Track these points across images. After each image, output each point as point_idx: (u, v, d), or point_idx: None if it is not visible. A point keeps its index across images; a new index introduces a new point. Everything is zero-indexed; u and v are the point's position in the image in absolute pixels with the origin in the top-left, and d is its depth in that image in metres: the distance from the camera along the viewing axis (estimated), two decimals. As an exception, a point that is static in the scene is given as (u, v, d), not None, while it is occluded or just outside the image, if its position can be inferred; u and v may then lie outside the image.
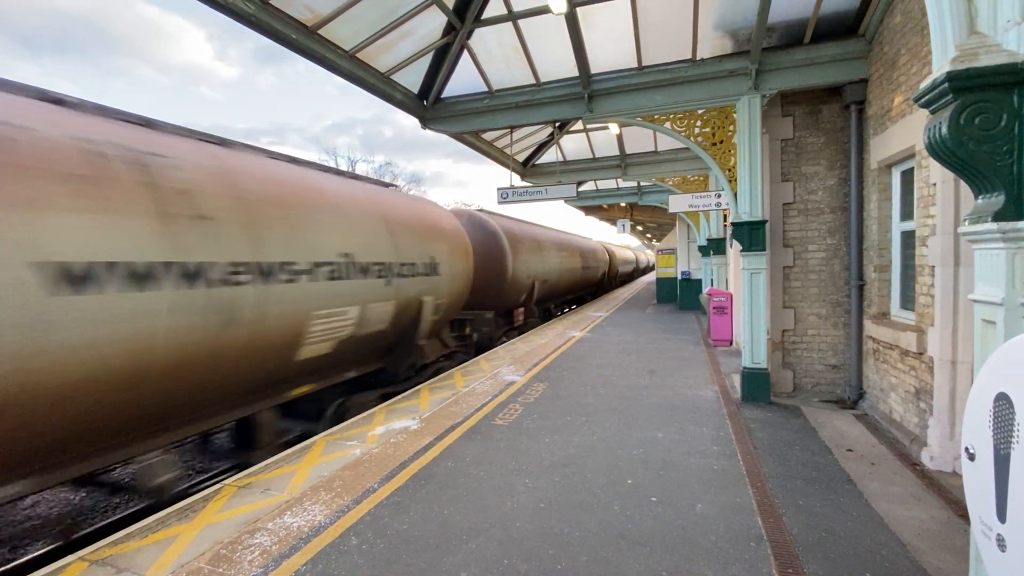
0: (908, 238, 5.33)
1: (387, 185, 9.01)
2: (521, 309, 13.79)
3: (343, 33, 6.22)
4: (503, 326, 12.68)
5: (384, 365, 7.48)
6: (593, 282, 23.44)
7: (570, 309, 20.57)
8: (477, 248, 10.62)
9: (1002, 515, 1.60)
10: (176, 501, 4.01)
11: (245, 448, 5.46)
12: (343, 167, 36.08)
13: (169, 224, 4.03)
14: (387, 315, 6.90)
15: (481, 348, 11.13)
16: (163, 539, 3.36)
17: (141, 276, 3.77)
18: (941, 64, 1.86)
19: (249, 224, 4.78)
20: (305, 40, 5.79)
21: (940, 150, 1.90)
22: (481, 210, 13.11)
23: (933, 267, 4.39)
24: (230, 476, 4.61)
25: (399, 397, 6.79)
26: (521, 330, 13.59)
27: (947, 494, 3.81)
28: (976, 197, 1.96)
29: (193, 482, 5.97)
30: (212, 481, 5.75)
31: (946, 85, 1.81)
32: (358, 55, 6.62)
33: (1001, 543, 1.60)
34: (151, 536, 3.41)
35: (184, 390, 4.36)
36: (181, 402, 4.44)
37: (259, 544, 3.26)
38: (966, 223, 1.97)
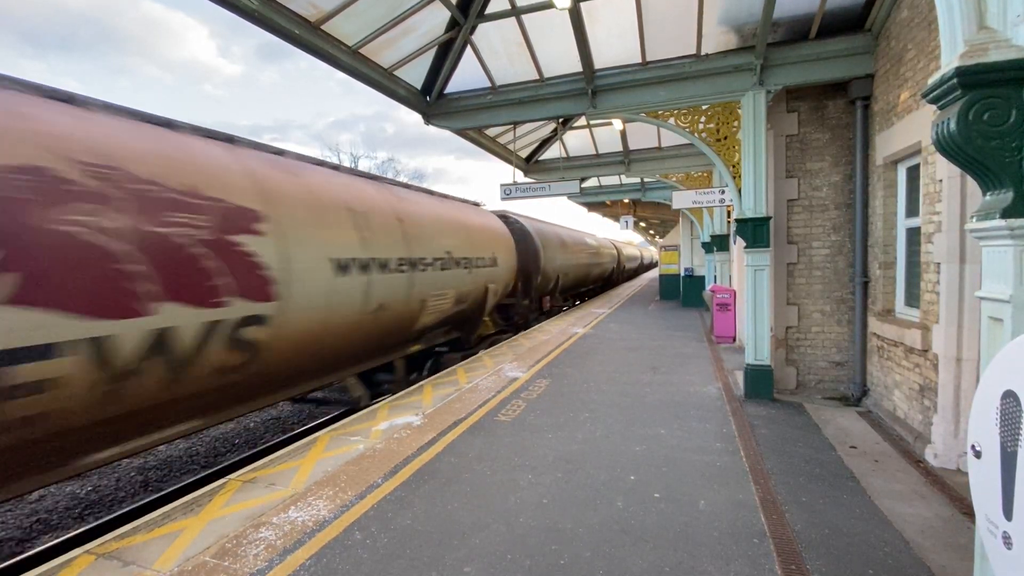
0: (913, 235, 5.31)
1: (475, 204, 11.74)
2: (548, 297, 16.14)
3: (346, 29, 6.21)
4: (535, 311, 15.06)
5: (460, 335, 9.95)
6: (604, 276, 25.97)
7: (585, 300, 22.93)
8: (516, 247, 12.73)
9: (1008, 513, 1.60)
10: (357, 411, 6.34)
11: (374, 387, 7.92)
12: (346, 163, 36.62)
13: (359, 233, 6.49)
14: (469, 296, 9.45)
15: (518, 328, 13.39)
16: (169, 533, 3.39)
17: (363, 265, 6.41)
18: (950, 59, 1.85)
19: (400, 232, 7.38)
20: (308, 36, 5.78)
21: (948, 146, 1.89)
22: (512, 213, 14.99)
23: (938, 264, 4.37)
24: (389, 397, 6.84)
25: (402, 393, 6.81)
26: (548, 315, 16.10)
27: (951, 491, 3.80)
28: (984, 194, 1.95)
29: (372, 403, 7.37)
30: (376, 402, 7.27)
31: (955, 81, 1.79)
32: (361, 51, 6.61)
33: (1007, 541, 1.60)
34: (157, 530, 3.43)
35: (374, 337, 7.04)
36: (370, 345, 7.12)
37: (264, 538, 3.28)
38: (974, 220, 1.96)
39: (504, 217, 13.71)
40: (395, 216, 7.34)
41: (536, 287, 14.22)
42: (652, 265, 57.03)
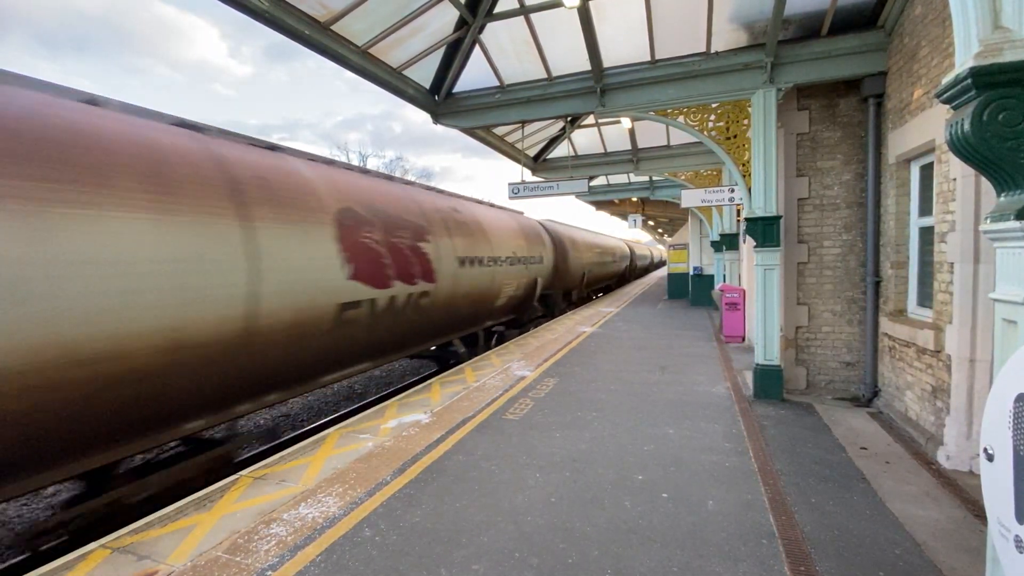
0: (926, 234, 5.25)
1: (518, 212, 14.53)
2: (574, 290, 18.90)
3: (355, 29, 6.24)
4: (565, 301, 17.80)
5: (516, 316, 12.93)
6: (619, 273, 29.11)
7: (604, 295, 25.20)
8: (554, 248, 15.42)
9: (1020, 516, 1.59)
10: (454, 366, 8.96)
11: (472, 349, 10.45)
12: (355, 162, 37.11)
13: (467, 239, 9.42)
14: (525, 286, 12.44)
15: (553, 315, 15.81)
16: (182, 528, 3.44)
17: (470, 261, 9.29)
18: (964, 59, 1.83)
19: (487, 239, 10.31)
20: (318, 36, 5.81)
21: (962, 147, 1.87)
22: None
23: (952, 264, 4.32)
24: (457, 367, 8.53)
25: (410, 391, 6.85)
26: (575, 305, 19.14)
27: (963, 494, 3.76)
28: (999, 195, 1.93)
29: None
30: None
31: (969, 81, 1.77)
32: (370, 51, 6.64)
33: (1019, 544, 1.59)
34: (170, 525, 3.49)
35: (473, 310, 9.89)
36: (471, 314, 9.91)
37: (275, 534, 3.33)
38: (988, 221, 1.93)
39: (541, 224, 16.24)
40: (481, 227, 10.33)
41: (567, 281, 17.09)
42: (660, 264, 56.80)
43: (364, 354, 7.01)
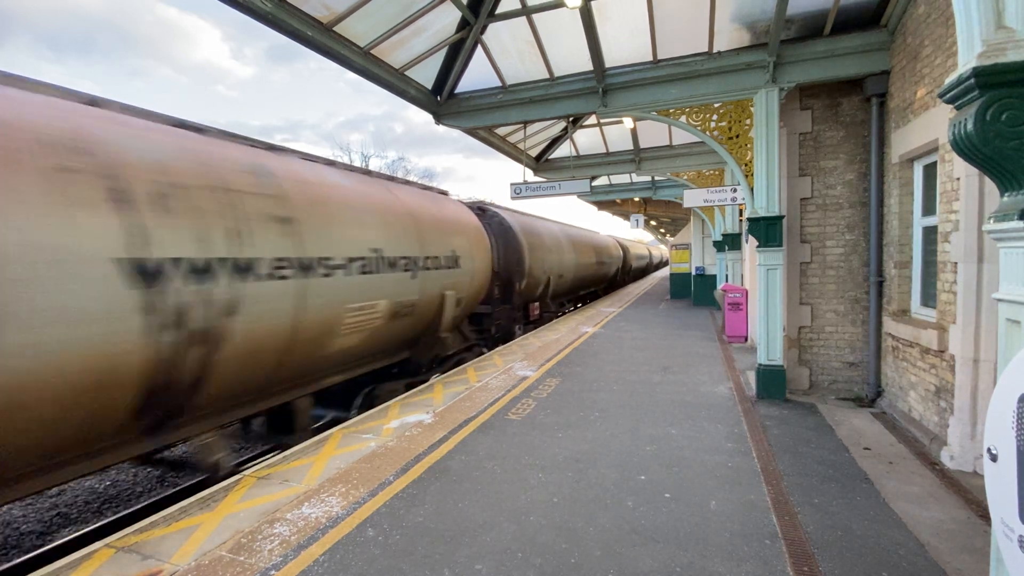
0: (930, 234, 5.23)
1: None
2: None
3: (358, 30, 6.25)
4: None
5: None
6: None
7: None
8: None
9: (1024, 517, 1.59)
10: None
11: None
12: (356, 163, 37.05)
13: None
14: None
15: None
16: (186, 527, 3.45)
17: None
18: (967, 59, 1.82)
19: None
20: (321, 37, 5.83)
21: (965, 147, 1.86)
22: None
23: (956, 263, 4.31)
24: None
25: (413, 391, 6.85)
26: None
27: (967, 494, 3.75)
28: (1002, 194, 1.92)
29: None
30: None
31: (972, 81, 1.77)
32: (373, 51, 6.65)
33: (1023, 545, 1.59)
34: (175, 524, 3.50)
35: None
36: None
37: (278, 534, 3.34)
38: (991, 221, 1.93)
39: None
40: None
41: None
42: (662, 264, 56.63)
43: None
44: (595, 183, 17.35)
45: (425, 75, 7.72)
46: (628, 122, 10.29)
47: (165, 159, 4.12)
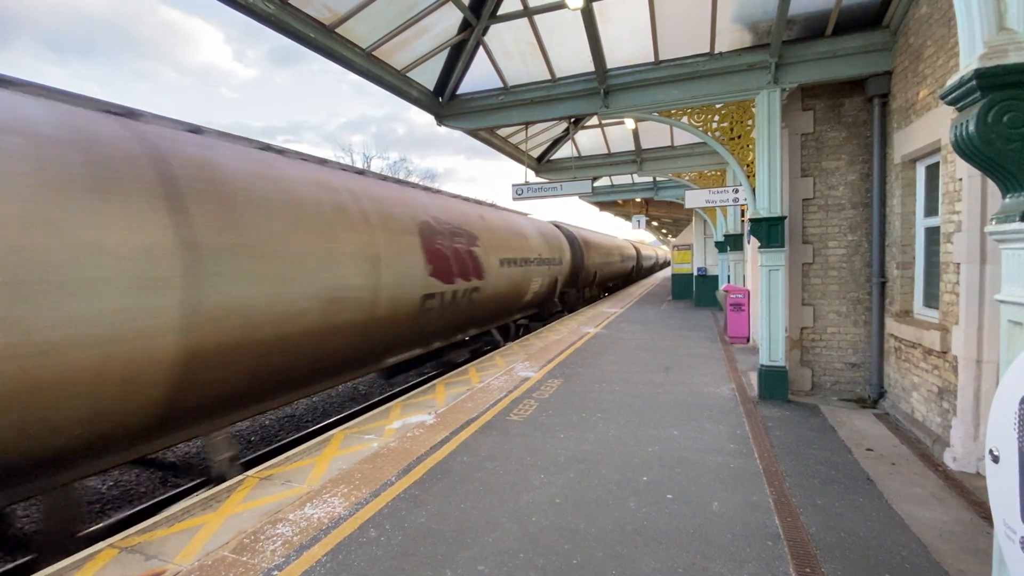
0: (932, 234, 5.22)
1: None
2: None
3: (360, 31, 6.27)
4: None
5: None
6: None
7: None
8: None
9: (1027, 519, 1.59)
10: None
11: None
12: (358, 164, 37.30)
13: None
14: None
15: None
16: (189, 528, 3.47)
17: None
18: (969, 61, 1.83)
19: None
20: (323, 39, 5.85)
21: (967, 148, 1.87)
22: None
23: (958, 264, 4.30)
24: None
25: (414, 392, 6.87)
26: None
27: (970, 495, 3.74)
28: (1004, 196, 1.93)
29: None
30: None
31: (974, 82, 1.77)
32: (375, 53, 6.67)
33: (1025, 547, 1.59)
34: (177, 525, 3.52)
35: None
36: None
37: (281, 534, 3.35)
38: (993, 222, 1.93)
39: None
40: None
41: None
42: (665, 264, 56.63)
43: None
44: (597, 184, 17.36)
45: (427, 76, 7.73)
46: (630, 123, 10.29)
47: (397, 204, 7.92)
